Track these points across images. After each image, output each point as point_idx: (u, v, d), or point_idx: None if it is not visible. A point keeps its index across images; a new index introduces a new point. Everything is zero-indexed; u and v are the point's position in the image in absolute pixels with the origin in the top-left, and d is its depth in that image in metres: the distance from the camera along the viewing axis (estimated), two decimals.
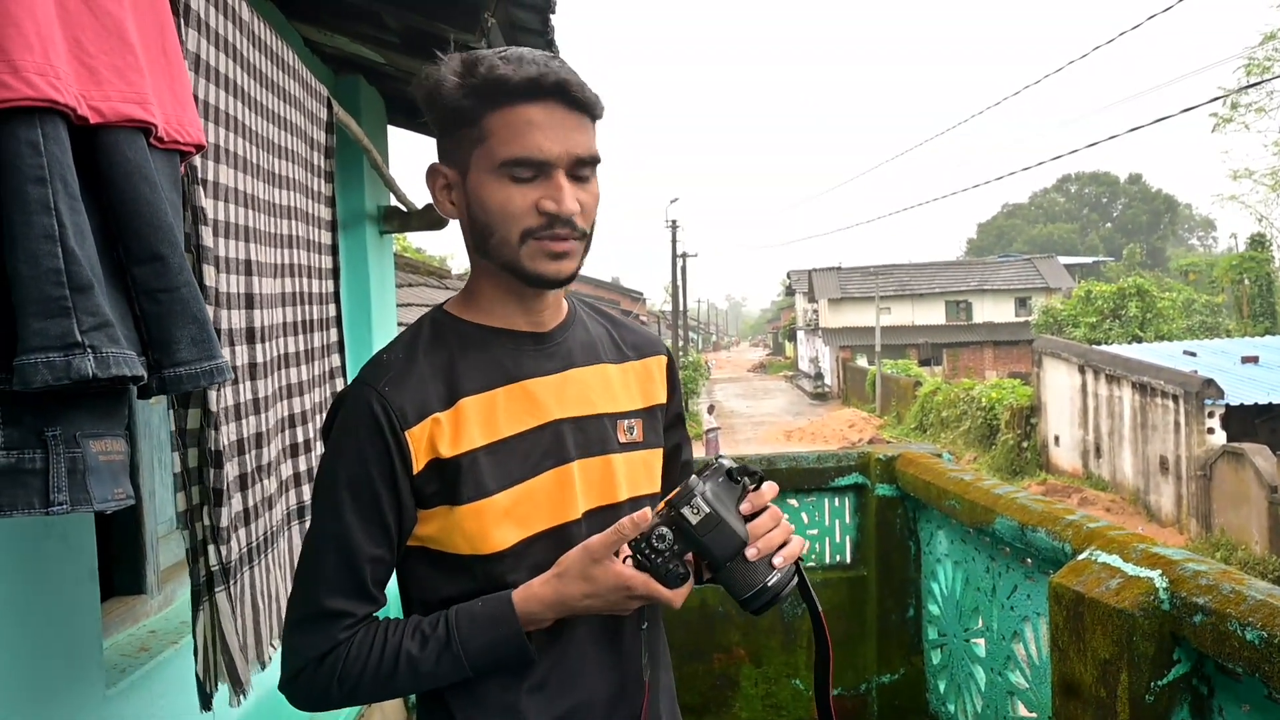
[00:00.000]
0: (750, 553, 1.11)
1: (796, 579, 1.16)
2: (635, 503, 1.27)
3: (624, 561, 1.14)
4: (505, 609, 1.13)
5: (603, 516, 1.22)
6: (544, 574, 1.15)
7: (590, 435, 1.24)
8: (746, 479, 1.13)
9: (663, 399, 1.37)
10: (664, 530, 1.10)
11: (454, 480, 1.14)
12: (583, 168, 1.14)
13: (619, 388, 1.30)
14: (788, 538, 1.15)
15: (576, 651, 1.21)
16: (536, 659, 1.16)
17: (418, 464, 1.13)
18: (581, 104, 1.13)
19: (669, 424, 1.39)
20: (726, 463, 1.14)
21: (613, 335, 1.35)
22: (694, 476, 1.13)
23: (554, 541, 1.19)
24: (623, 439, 1.27)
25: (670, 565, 1.11)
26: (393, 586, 1.24)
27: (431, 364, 1.18)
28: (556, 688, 1.20)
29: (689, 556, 1.14)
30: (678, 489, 1.12)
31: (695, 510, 1.09)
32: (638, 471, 1.29)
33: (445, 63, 1.14)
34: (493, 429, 1.17)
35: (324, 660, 1.13)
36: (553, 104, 1.10)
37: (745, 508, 1.13)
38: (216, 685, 1.50)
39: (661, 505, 1.14)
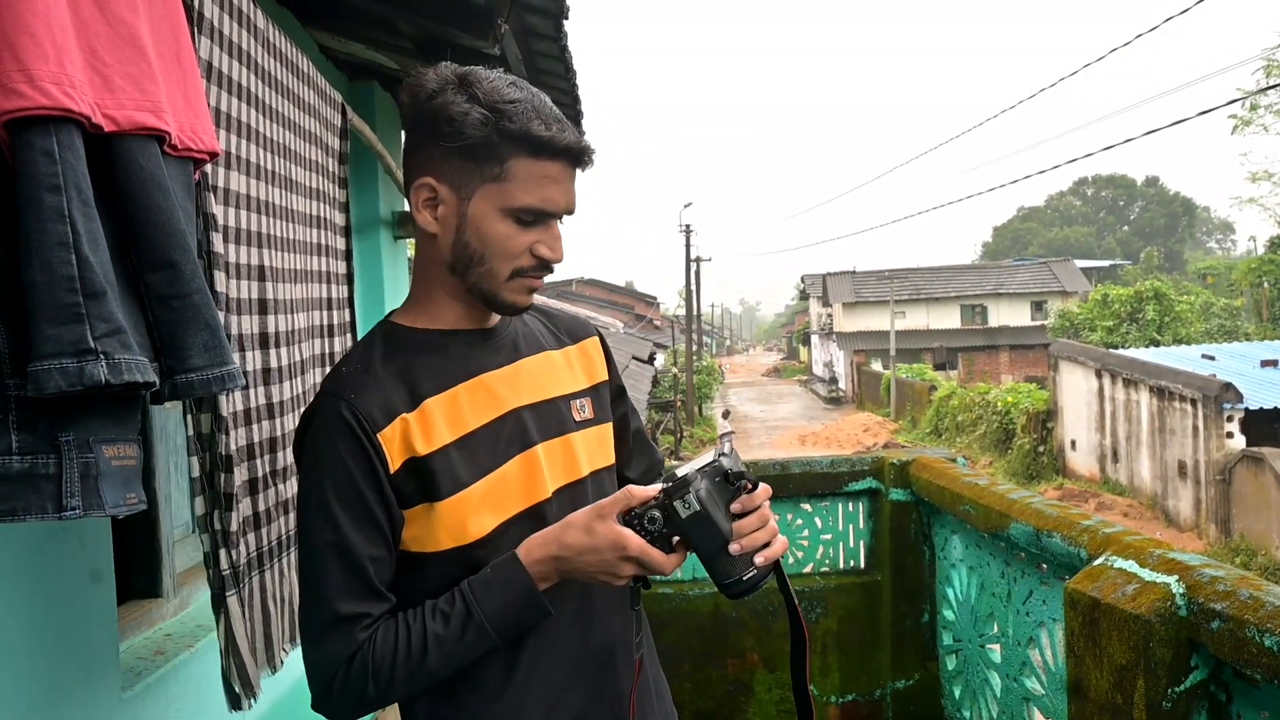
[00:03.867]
0: (733, 548, 1.17)
1: (773, 575, 1.24)
2: (596, 476, 1.37)
3: None
4: (513, 566, 1.18)
5: (571, 493, 1.31)
6: (548, 528, 1.20)
7: (548, 418, 1.32)
8: (743, 482, 1.19)
9: (604, 376, 1.47)
10: (655, 514, 1.16)
11: (430, 477, 1.19)
12: (568, 215, 1.26)
13: (564, 371, 1.40)
14: (771, 539, 1.21)
15: (550, 650, 1.26)
16: (551, 611, 1.20)
17: (393, 464, 1.18)
18: (586, 165, 1.25)
19: (613, 397, 1.49)
20: (726, 464, 1.19)
21: (547, 325, 1.44)
22: (694, 471, 1.19)
23: (529, 522, 1.24)
24: (577, 418, 1.36)
25: (660, 545, 1.18)
26: None
27: (389, 371, 1.23)
28: (538, 690, 1.25)
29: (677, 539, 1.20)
30: (677, 479, 1.18)
31: (686, 505, 1.15)
32: (594, 447, 1.38)
33: (450, 82, 1.19)
34: (459, 424, 1.23)
35: (352, 662, 1.15)
36: (567, 164, 1.22)
37: (736, 507, 1.19)
38: (235, 687, 1.51)
39: (658, 490, 1.18)
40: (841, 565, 3.68)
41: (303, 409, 1.96)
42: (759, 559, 1.19)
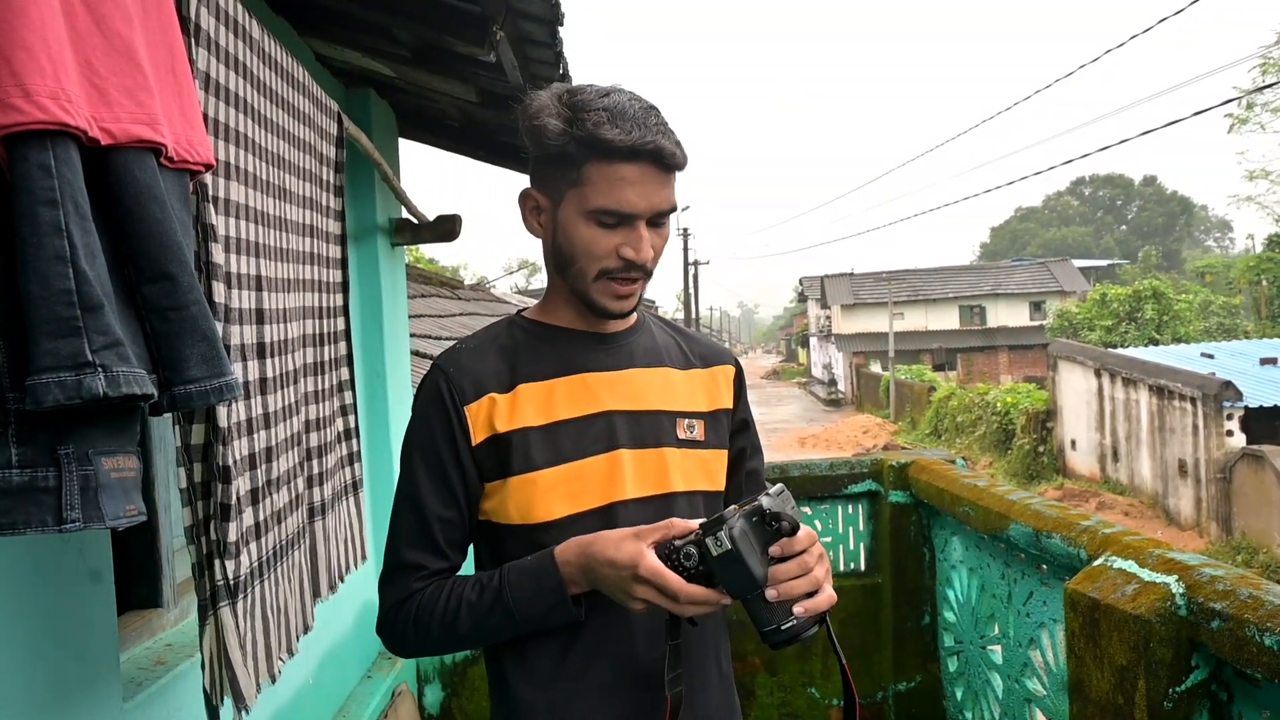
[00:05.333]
0: (770, 594, 1.15)
1: (820, 628, 1.19)
2: (690, 496, 1.37)
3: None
4: (549, 561, 1.23)
5: (656, 504, 1.33)
6: (589, 534, 1.23)
7: (644, 428, 1.35)
8: (781, 523, 1.14)
9: (728, 405, 1.47)
10: (691, 550, 1.14)
11: (506, 454, 1.29)
12: (661, 217, 1.28)
13: (682, 390, 1.41)
14: (814, 589, 1.17)
15: (607, 654, 1.29)
16: (580, 617, 1.23)
17: (476, 437, 1.29)
18: (671, 166, 1.26)
19: (734, 429, 1.49)
20: (766, 503, 1.15)
21: (681, 345, 1.48)
22: (733, 507, 1.15)
23: (603, 519, 1.29)
24: (682, 435, 1.38)
25: (695, 583, 1.15)
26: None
27: (499, 353, 1.35)
28: (586, 689, 1.28)
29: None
30: (715, 516, 1.15)
31: (718, 543, 1.12)
32: (694, 467, 1.38)
33: (551, 100, 1.26)
34: (548, 412, 1.31)
35: (403, 606, 1.29)
36: (646, 165, 1.23)
37: (775, 550, 1.15)
38: (223, 699, 1.50)
39: (696, 526, 1.17)
40: (842, 568, 3.68)
41: (296, 418, 1.96)
42: (798, 609, 1.15)
